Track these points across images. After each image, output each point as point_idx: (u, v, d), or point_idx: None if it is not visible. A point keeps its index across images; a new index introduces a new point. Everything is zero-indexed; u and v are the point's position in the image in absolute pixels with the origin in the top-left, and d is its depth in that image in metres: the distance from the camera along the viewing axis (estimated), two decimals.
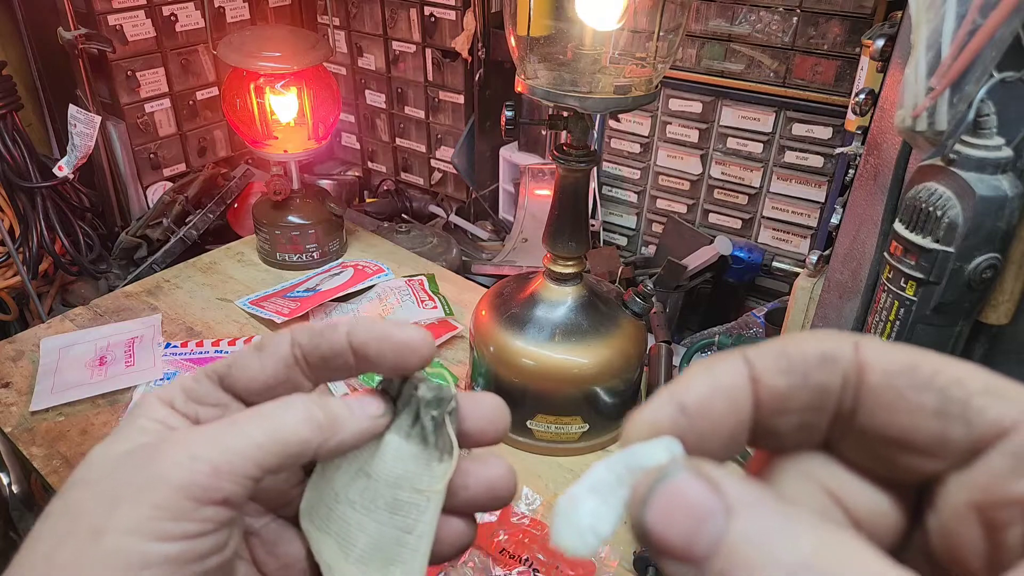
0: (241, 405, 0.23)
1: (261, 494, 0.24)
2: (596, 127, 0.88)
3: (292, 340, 0.23)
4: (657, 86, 0.55)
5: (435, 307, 0.77)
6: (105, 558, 0.18)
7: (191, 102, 0.99)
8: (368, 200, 1.15)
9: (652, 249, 0.93)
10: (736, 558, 0.12)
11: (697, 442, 0.15)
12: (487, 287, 0.80)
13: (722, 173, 0.84)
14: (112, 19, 0.88)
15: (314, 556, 0.24)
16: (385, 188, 1.15)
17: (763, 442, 0.16)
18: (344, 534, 0.24)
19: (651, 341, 0.72)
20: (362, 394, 0.24)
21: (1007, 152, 0.39)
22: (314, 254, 0.88)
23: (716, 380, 0.15)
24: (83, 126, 0.84)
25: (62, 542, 0.19)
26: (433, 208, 1.09)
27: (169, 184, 0.99)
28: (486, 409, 0.25)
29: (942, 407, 0.14)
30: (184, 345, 0.73)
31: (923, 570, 0.16)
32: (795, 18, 0.74)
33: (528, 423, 0.62)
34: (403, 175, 1.13)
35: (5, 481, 0.77)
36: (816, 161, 0.78)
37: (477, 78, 0.96)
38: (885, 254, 0.42)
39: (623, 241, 0.96)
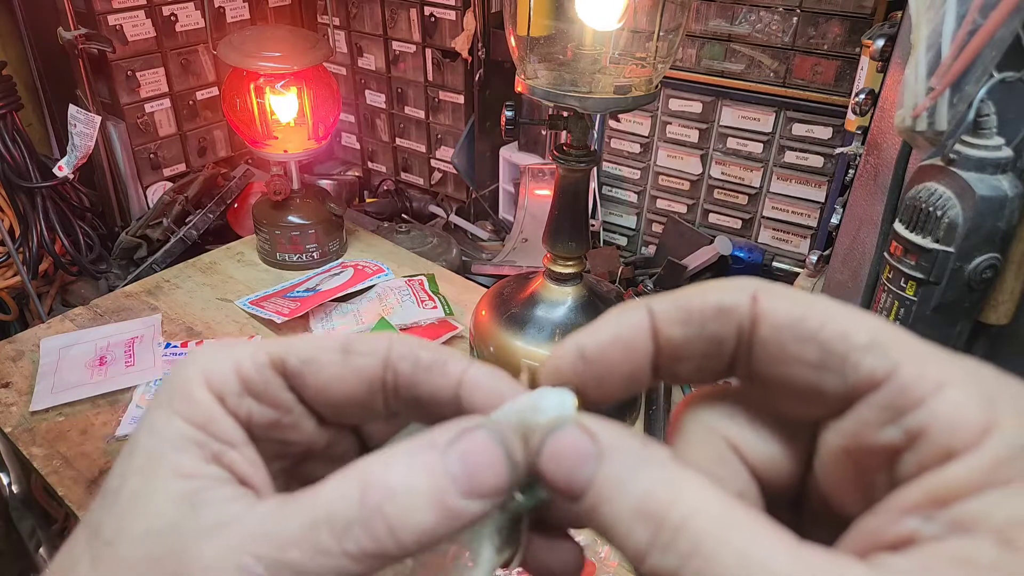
0: (304, 412, 0.19)
1: (309, 479, 0.19)
2: (596, 127, 0.88)
3: (387, 362, 0.19)
4: (657, 86, 0.55)
5: (435, 307, 0.77)
6: None
7: (191, 102, 0.99)
8: (368, 200, 1.15)
9: (652, 249, 0.93)
10: (601, 492, 0.15)
11: (596, 383, 0.17)
12: (487, 287, 0.80)
13: (722, 173, 0.84)
14: (112, 19, 0.88)
15: None
16: (385, 188, 1.15)
17: (667, 379, 0.18)
18: None
19: None
20: (481, 440, 0.17)
21: (1007, 152, 0.39)
22: (314, 254, 0.88)
23: (617, 330, 0.17)
24: (83, 126, 0.84)
25: None
26: (433, 208, 1.09)
27: (169, 184, 0.99)
28: (562, 544, 0.19)
29: (821, 360, 0.15)
30: (184, 345, 0.73)
31: (820, 513, 0.17)
32: (795, 18, 0.74)
33: None
34: (403, 175, 1.13)
35: (5, 481, 0.77)
36: (816, 161, 0.78)
37: (477, 78, 0.96)
38: (885, 254, 0.42)
39: (623, 241, 0.96)
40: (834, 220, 0.52)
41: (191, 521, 0.17)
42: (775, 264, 0.84)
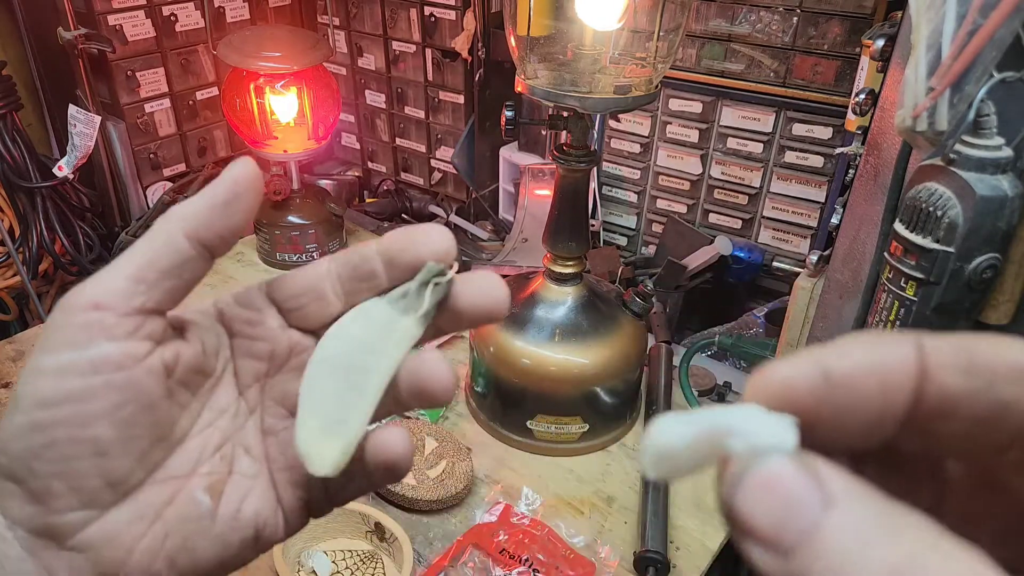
0: (273, 310, 0.25)
1: (286, 396, 0.25)
2: (596, 127, 0.88)
3: (330, 259, 0.25)
4: (657, 86, 0.55)
5: None
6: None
7: (191, 102, 0.99)
8: (368, 200, 1.15)
9: (652, 249, 0.93)
10: (828, 551, 0.11)
11: (832, 417, 0.13)
12: None
13: (722, 173, 0.84)
14: (112, 19, 0.88)
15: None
16: (385, 188, 1.15)
17: (922, 440, 0.14)
18: (309, 396, 0.24)
19: (651, 341, 0.72)
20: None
21: (1007, 152, 0.39)
22: (314, 254, 0.88)
23: (876, 356, 0.13)
24: (83, 126, 0.84)
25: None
26: (433, 208, 1.09)
27: (169, 184, 0.99)
28: (479, 282, 0.24)
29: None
30: None
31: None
32: (795, 18, 0.74)
33: (528, 423, 0.62)
34: (403, 175, 1.13)
35: None
36: (816, 161, 0.78)
37: (477, 78, 0.96)
38: (885, 254, 0.42)
39: (623, 241, 0.96)
40: (834, 220, 0.52)
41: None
42: (775, 264, 0.84)
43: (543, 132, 0.96)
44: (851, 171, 0.51)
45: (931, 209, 0.39)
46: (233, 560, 0.24)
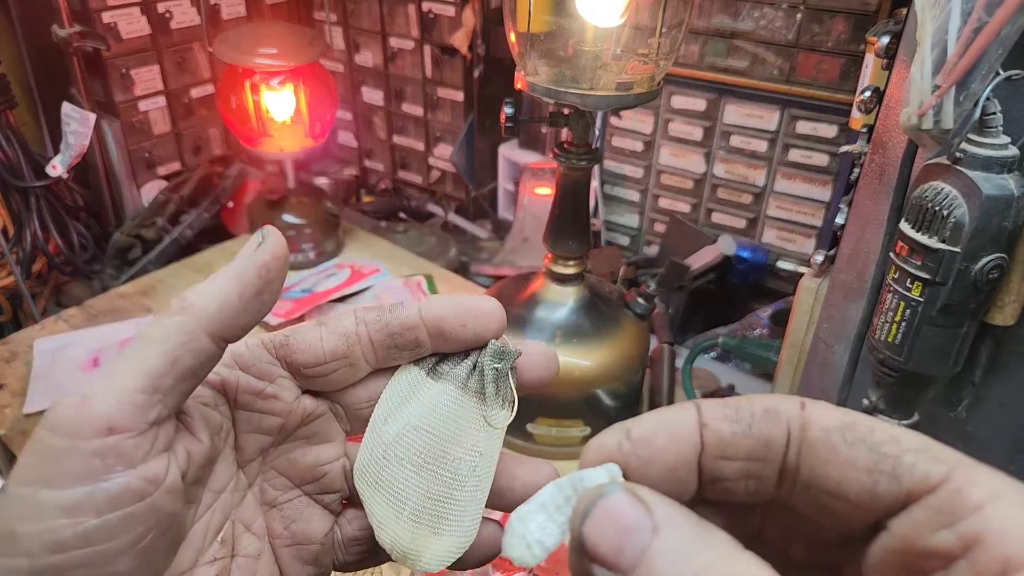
0: (289, 379, 0.23)
1: (291, 466, 0.24)
2: (597, 125, 0.88)
3: (356, 317, 0.23)
4: (659, 83, 0.54)
5: None
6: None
7: (186, 100, 0.98)
8: (365, 199, 1.14)
9: (654, 249, 0.93)
10: (654, 570, 0.14)
11: (640, 468, 0.17)
12: (486, 287, 0.80)
13: (725, 172, 0.84)
14: (106, 16, 0.87)
15: (367, 516, 0.24)
16: (383, 187, 1.14)
17: (713, 488, 0.17)
18: (395, 492, 0.23)
19: (654, 342, 0.71)
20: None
21: (1013, 151, 0.38)
22: (310, 254, 0.88)
23: (664, 417, 0.17)
24: (77, 124, 0.84)
25: None
26: (431, 207, 1.09)
27: (164, 183, 0.98)
28: (536, 354, 0.26)
29: (874, 462, 0.16)
30: None
31: None
32: (799, 15, 0.73)
33: (528, 427, 0.61)
34: (401, 174, 1.13)
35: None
36: (821, 160, 0.77)
37: (476, 75, 0.95)
38: (891, 254, 0.42)
39: (625, 241, 0.95)
40: (839, 220, 0.52)
41: None
42: (779, 264, 0.83)
43: (543, 130, 0.96)
44: (856, 170, 0.50)
45: (937, 208, 0.39)
46: None
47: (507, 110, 0.56)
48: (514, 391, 0.25)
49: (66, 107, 0.84)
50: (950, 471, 0.15)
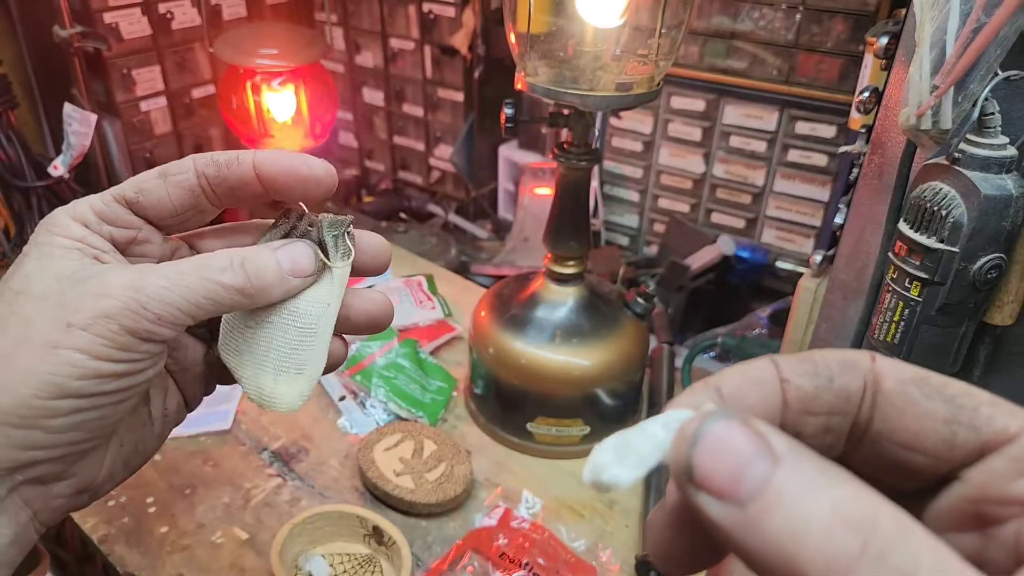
0: (153, 230, 0.28)
1: None
2: (597, 125, 0.88)
3: (197, 171, 0.27)
4: (659, 84, 0.55)
5: (434, 308, 0.77)
6: (59, 367, 0.23)
7: (187, 100, 0.98)
8: (366, 199, 1.15)
9: (654, 249, 0.93)
10: (780, 502, 0.13)
11: None
12: (487, 287, 0.80)
13: (725, 172, 0.84)
14: (107, 17, 0.87)
15: (236, 380, 0.29)
16: (383, 187, 1.14)
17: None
18: (257, 352, 0.28)
19: (653, 342, 0.71)
20: (293, 244, 0.28)
21: (1012, 151, 0.38)
22: None
23: (750, 373, 0.17)
24: (78, 125, 0.84)
25: (19, 348, 0.23)
26: (432, 207, 1.09)
27: None
28: (371, 242, 0.30)
29: (952, 414, 0.16)
30: None
31: None
32: (798, 15, 0.73)
33: (528, 426, 0.62)
34: (401, 174, 1.13)
35: None
36: (820, 160, 0.77)
37: (476, 75, 0.95)
38: (889, 254, 0.42)
39: (625, 241, 0.96)
40: (838, 220, 0.52)
41: (95, 267, 0.25)
42: (779, 264, 0.83)
43: (543, 130, 0.96)
44: (855, 170, 0.50)
45: (935, 208, 0.39)
46: (161, 443, 0.30)
47: (507, 110, 0.56)
48: (351, 246, 0.29)
49: (67, 107, 0.84)
50: None
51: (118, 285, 0.24)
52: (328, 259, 0.28)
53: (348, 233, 0.29)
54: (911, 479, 0.17)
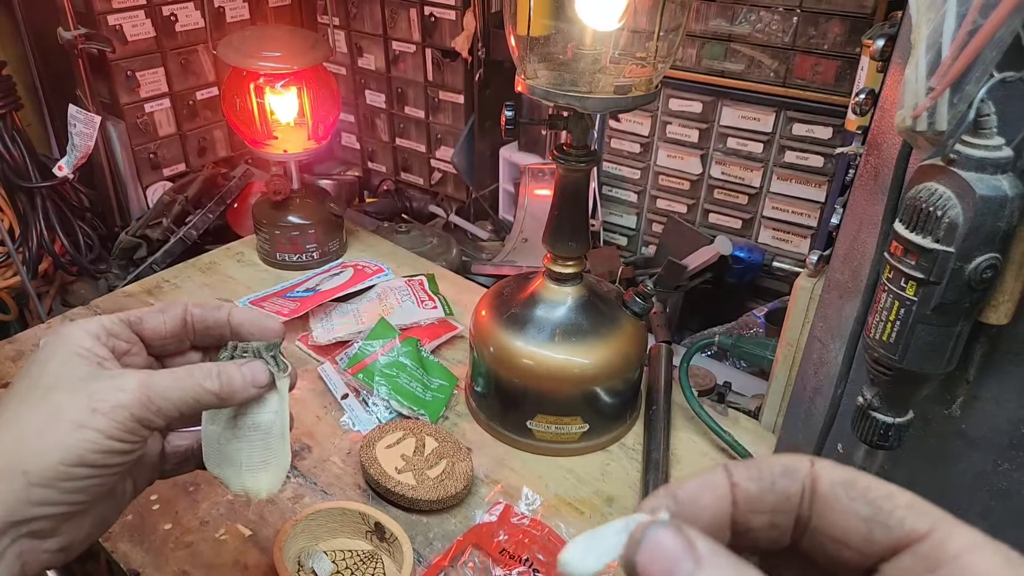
0: (142, 348, 0.38)
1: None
2: (596, 127, 0.88)
3: (186, 309, 0.38)
4: (657, 86, 0.55)
5: (435, 307, 0.77)
6: (83, 442, 0.31)
7: (191, 102, 0.99)
8: (368, 200, 1.15)
9: (652, 249, 0.93)
10: None
11: (686, 523, 0.19)
12: (487, 287, 0.80)
13: (722, 173, 0.84)
14: (112, 19, 0.88)
15: (223, 483, 0.38)
16: (385, 188, 1.15)
17: (742, 540, 0.20)
18: (233, 460, 0.38)
19: (651, 341, 0.72)
20: (252, 362, 0.37)
21: (1007, 152, 0.39)
22: (314, 254, 0.88)
23: (705, 479, 0.20)
24: (83, 126, 0.84)
25: (51, 426, 0.31)
26: (433, 208, 1.09)
27: (169, 184, 0.99)
28: (266, 325, 0.40)
29: (871, 514, 0.18)
30: None
31: None
32: (795, 18, 0.74)
33: (528, 423, 0.62)
34: (403, 175, 1.13)
35: None
36: (816, 161, 0.78)
37: (477, 78, 0.96)
38: (885, 254, 0.42)
39: (623, 241, 0.96)
40: (834, 220, 0.52)
41: (107, 370, 0.34)
42: (775, 264, 0.84)
43: (543, 132, 0.96)
44: (851, 171, 0.51)
45: (931, 209, 0.39)
46: (118, 517, 0.38)
47: (507, 113, 0.56)
48: (287, 362, 0.38)
49: (72, 109, 0.85)
50: (933, 524, 0.18)
51: (132, 384, 0.33)
52: (272, 375, 0.37)
53: (279, 352, 0.38)
54: (845, 570, 0.19)
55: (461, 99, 0.99)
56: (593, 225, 0.92)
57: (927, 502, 0.18)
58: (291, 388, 0.39)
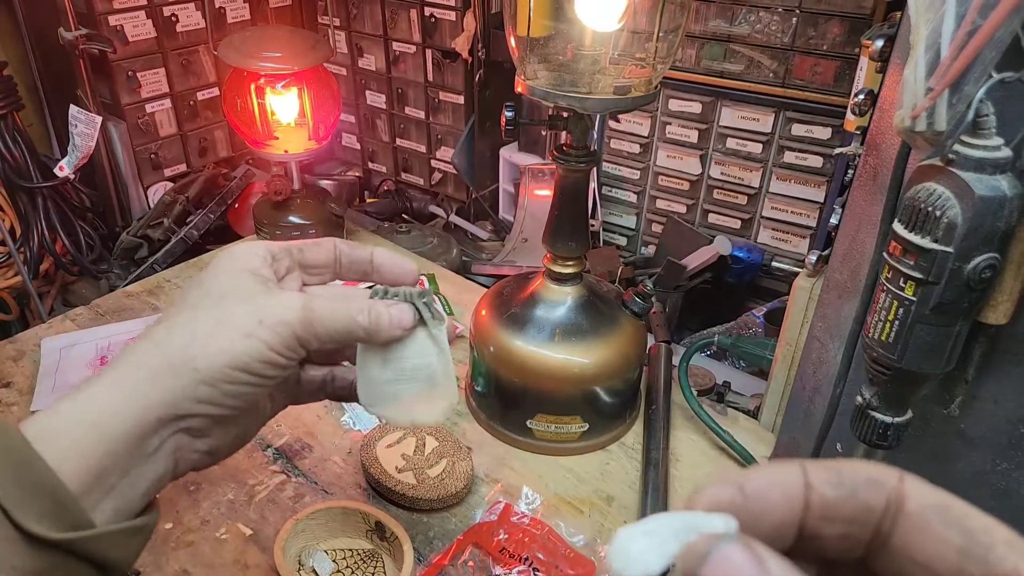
0: (299, 275, 0.39)
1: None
2: (596, 127, 0.88)
3: (336, 245, 0.40)
4: (657, 86, 0.55)
5: None
6: (249, 349, 0.33)
7: (192, 102, 0.99)
8: (368, 200, 1.15)
9: (652, 249, 0.93)
10: None
11: (749, 522, 0.18)
12: (487, 287, 0.80)
13: (721, 173, 0.85)
14: (113, 19, 0.88)
15: (387, 420, 0.42)
16: (385, 188, 1.15)
17: (807, 546, 0.18)
18: (400, 398, 0.39)
19: (651, 341, 0.72)
20: (399, 305, 0.38)
21: (1006, 152, 0.39)
22: None
23: (775, 475, 0.18)
24: (84, 126, 0.84)
25: (220, 329, 0.33)
26: (433, 208, 1.09)
27: (170, 184, 0.99)
28: (403, 266, 0.42)
29: (966, 546, 0.16)
30: None
31: None
32: (794, 18, 0.74)
33: (528, 423, 0.62)
34: (403, 175, 1.14)
35: None
36: (815, 161, 0.78)
37: (477, 78, 0.96)
38: (884, 254, 0.42)
39: (623, 241, 0.96)
40: (833, 220, 0.52)
41: (274, 288, 0.36)
42: (774, 264, 0.84)
43: (543, 132, 0.96)
44: (850, 171, 0.51)
45: (930, 209, 0.39)
46: (256, 433, 0.41)
47: (507, 113, 0.56)
48: (440, 311, 0.39)
49: (73, 109, 0.85)
50: None
51: (297, 303, 0.35)
52: (425, 323, 0.38)
53: (433, 299, 0.39)
54: None
55: (461, 100, 1.00)
56: (593, 225, 0.92)
57: None
58: (449, 338, 0.40)
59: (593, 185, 0.90)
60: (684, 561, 0.16)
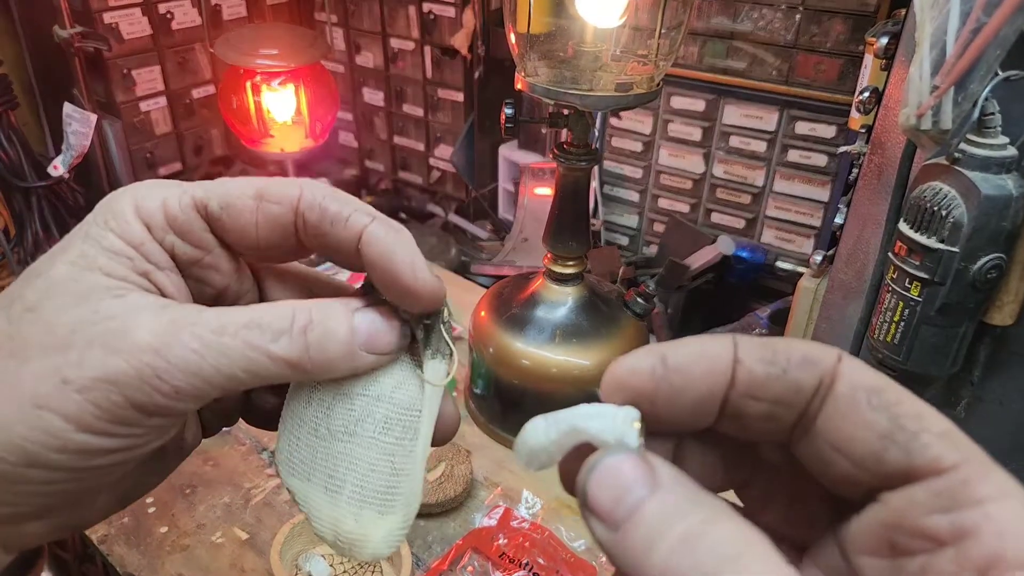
0: (223, 254, 0.22)
1: None
2: (597, 125, 0.88)
3: (296, 211, 0.21)
4: (659, 84, 0.55)
5: None
6: (35, 433, 0.18)
7: (187, 100, 0.98)
8: (366, 199, 1.15)
9: (654, 249, 0.93)
10: (644, 523, 0.14)
11: (669, 395, 0.17)
12: (487, 287, 0.80)
13: (724, 172, 0.84)
14: (108, 17, 0.87)
15: (303, 511, 0.22)
16: (383, 187, 1.14)
17: (729, 424, 0.17)
18: (331, 472, 0.21)
19: (653, 342, 0.72)
20: (368, 314, 0.21)
21: (1012, 151, 0.38)
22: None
23: (703, 347, 0.17)
24: (79, 125, 0.84)
25: (1, 387, 0.19)
26: (432, 207, 1.09)
27: None
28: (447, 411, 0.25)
29: (890, 430, 0.15)
30: None
31: (837, 571, 0.17)
32: (798, 16, 0.73)
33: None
34: (401, 174, 1.13)
35: None
36: (820, 160, 0.77)
37: (477, 76, 0.95)
38: (889, 254, 0.42)
39: (624, 241, 0.96)
40: (838, 220, 0.52)
41: (122, 304, 0.19)
42: (778, 264, 0.83)
43: (543, 130, 0.96)
44: (855, 170, 0.50)
45: (935, 208, 0.39)
46: (167, 476, 0.25)
47: (507, 111, 0.56)
48: (449, 341, 0.22)
49: (67, 108, 0.84)
50: (963, 461, 0.15)
51: (137, 342, 0.19)
52: (418, 353, 0.22)
53: (444, 323, 0.22)
54: (836, 486, 0.17)
55: (460, 97, 0.99)
56: (594, 225, 0.91)
57: (965, 436, 0.15)
58: (448, 376, 0.23)
59: (594, 184, 0.90)
60: (578, 479, 0.16)
